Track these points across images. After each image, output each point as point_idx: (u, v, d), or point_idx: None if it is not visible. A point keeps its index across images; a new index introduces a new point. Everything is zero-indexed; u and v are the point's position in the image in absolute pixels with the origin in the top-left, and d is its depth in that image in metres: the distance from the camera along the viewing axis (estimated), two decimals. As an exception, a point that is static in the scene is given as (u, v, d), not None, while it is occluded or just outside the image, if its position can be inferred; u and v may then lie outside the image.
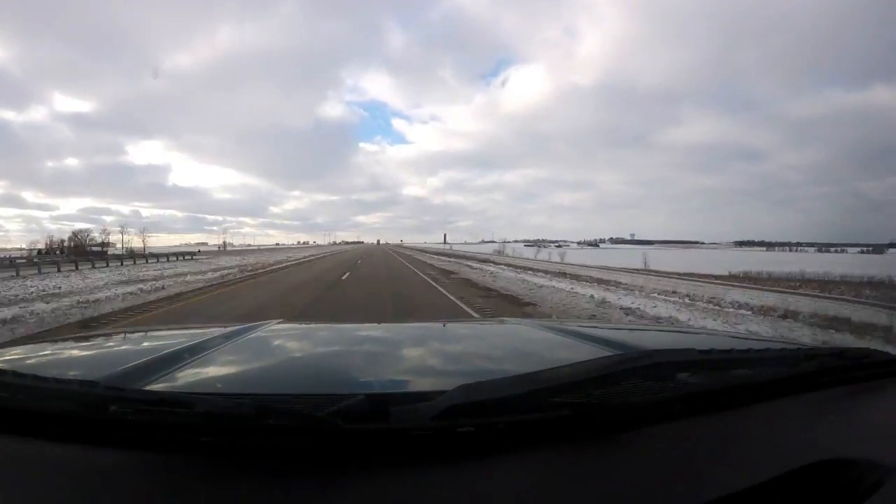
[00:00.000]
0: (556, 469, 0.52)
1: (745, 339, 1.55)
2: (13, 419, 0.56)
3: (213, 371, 0.84)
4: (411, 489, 0.48)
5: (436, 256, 38.15)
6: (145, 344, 1.20)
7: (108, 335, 1.49)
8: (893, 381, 0.77)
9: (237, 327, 1.15)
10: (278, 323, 1.36)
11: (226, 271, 19.13)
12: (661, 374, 0.63)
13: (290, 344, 1.19)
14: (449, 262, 28.25)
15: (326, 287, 12.42)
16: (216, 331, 1.11)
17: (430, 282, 14.29)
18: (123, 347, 1.16)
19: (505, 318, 1.65)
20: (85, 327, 6.67)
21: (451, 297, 10.02)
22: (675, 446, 0.57)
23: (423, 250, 64.87)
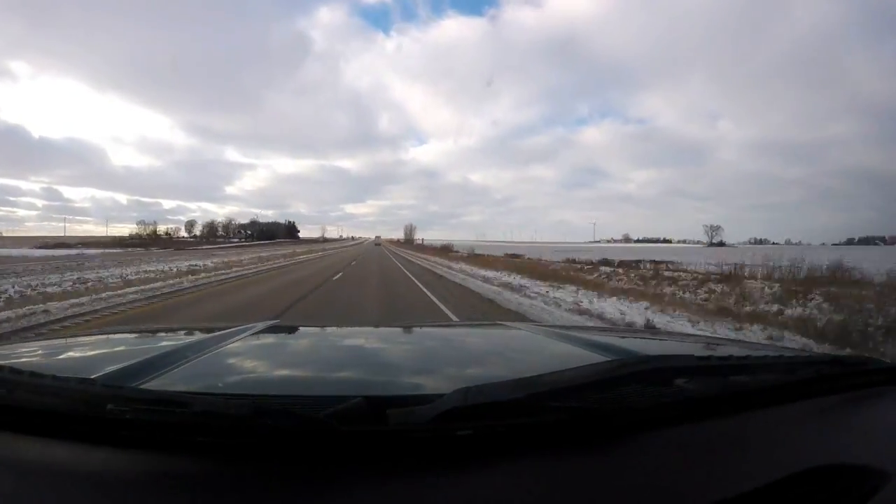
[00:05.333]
0: (554, 473, 0.52)
1: (744, 345, 1.55)
2: (9, 416, 0.56)
3: (210, 371, 0.83)
4: (409, 492, 0.48)
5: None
6: (143, 343, 1.20)
7: (106, 334, 1.49)
8: (890, 389, 0.78)
9: (235, 327, 1.15)
10: (276, 324, 1.36)
11: None
12: (661, 380, 0.63)
13: (288, 345, 1.19)
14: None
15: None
16: (215, 330, 1.11)
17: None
18: (121, 346, 1.16)
19: (505, 323, 1.65)
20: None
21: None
22: (673, 452, 0.57)
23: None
